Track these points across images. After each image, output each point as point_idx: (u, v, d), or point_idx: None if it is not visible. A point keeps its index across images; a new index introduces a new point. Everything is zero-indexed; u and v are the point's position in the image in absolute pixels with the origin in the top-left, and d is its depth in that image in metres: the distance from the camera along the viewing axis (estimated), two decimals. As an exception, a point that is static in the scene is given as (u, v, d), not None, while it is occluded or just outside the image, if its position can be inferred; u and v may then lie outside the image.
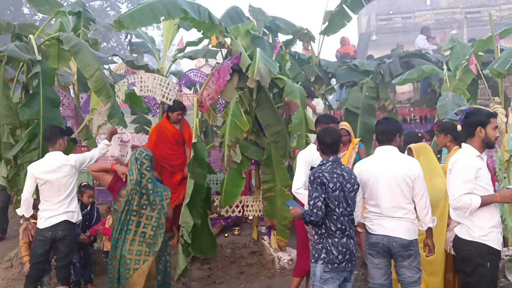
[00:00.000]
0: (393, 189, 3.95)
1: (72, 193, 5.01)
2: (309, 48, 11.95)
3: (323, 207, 3.70)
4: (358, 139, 6.12)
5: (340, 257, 3.72)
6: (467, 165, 3.62)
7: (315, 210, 3.69)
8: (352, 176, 3.89)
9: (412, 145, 4.86)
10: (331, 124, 5.05)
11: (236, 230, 6.68)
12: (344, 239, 3.76)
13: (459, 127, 5.37)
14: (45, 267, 5.15)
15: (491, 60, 8.82)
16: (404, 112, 10.40)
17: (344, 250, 3.74)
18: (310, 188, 3.79)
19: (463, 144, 3.81)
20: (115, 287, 4.29)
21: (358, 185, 3.93)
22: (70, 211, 4.95)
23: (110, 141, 5.62)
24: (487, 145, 3.73)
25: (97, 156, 5.39)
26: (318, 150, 4.03)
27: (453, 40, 9.60)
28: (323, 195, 3.71)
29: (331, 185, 3.73)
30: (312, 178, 3.78)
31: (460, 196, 3.58)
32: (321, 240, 3.78)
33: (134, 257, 4.20)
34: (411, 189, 3.96)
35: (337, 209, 3.74)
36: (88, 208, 5.80)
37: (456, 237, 3.79)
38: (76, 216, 5.01)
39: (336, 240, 3.74)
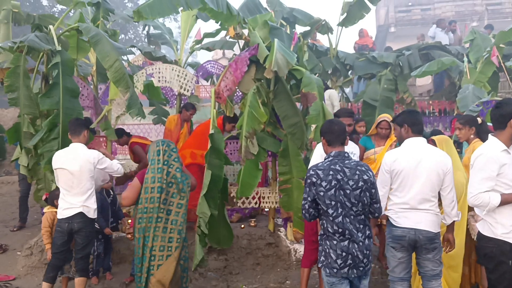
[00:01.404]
0: (424, 181, 3.85)
1: (90, 189, 4.95)
2: (317, 38, 11.90)
3: (311, 209, 3.48)
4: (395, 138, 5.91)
5: (339, 261, 3.40)
6: (489, 161, 3.43)
7: (303, 212, 3.53)
8: (357, 172, 3.43)
9: (435, 137, 4.79)
10: (347, 117, 5.12)
11: (252, 222, 6.70)
12: (345, 243, 3.39)
13: (479, 120, 5.28)
14: (66, 256, 5.19)
15: (513, 52, 8.68)
16: (423, 105, 10.30)
17: (344, 254, 3.39)
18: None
19: (490, 136, 3.57)
20: (142, 276, 4.29)
21: (369, 181, 3.45)
22: (86, 205, 4.91)
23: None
24: None
25: (117, 171, 5.23)
26: (323, 144, 3.66)
27: (473, 32, 9.45)
28: (310, 197, 3.45)
29: (324, 183, 3.39)
30: (306, 176, 3.55)
31: (479, 194, 3.44)
32: (321, 242, 3.53)
33: (167, 244, 4.23)
34: (441, 182, 3.87)
35: (330, 210, 3.39)
36: (112, 195, 5.85)
37: (479, 233, 3.65)
38: (92, 212, 4.97)
39: (335, 242, 3.41)
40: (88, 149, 5.05)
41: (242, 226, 6.60)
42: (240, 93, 7.69)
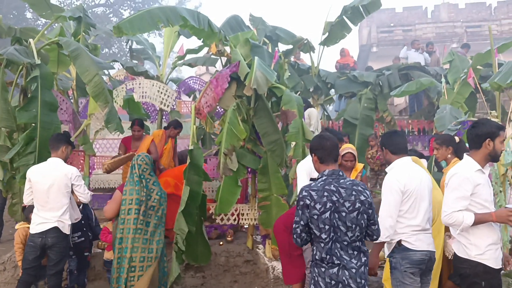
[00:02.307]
0: (429, 200, 3.83)
1: (66, 204, 4.91)
2: (300, 57, 12.06)
3: (303, 234, 3.17)
4: (362, 165, 5.59)
5: None
6: (464, 181, 3.46)
7: (295, 236, 3.21)
8: (353, 192, 3.09)
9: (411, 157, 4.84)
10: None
11: (229, 236, 6.65)
12: (334, 269, 3.06)
13: (457, 139, 5.36)
14: (38, 272, 5.10)
15: (490, 74, 8.88)
16: (402, 124, 10.44)
17: (333, 282, 3.06)
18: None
19: (465, 156, 3.62)
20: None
21: (366, 202, 3.12)
22: (61, 220, 4.87)
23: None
24: (493, 158, 3.54)
25: (83, 196, 5.10)
26: (314, 162, 3.33)
27: (452, 54, 9.65)
28: (303, 221, 3.13)
29: (318, 206, 3.06)
30: (298, 197, 3.21)
31: (452, 213, 3.47)
32: (311, 268, 3.23)
33: (147, 255, 4.23)
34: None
35: (323, 235, 3.06)
36: (81, 207, 5.71)
37: (454, 253, 3.68)
38: (67, 228, 4.92)
39: (323, 270, 3.09)
40: (67, 165, 5.01)
41: (221, 243, 6.56)
42: (222, 110, 7.71)
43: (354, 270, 3.07)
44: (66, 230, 4.94)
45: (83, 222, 5.68)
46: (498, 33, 21.16)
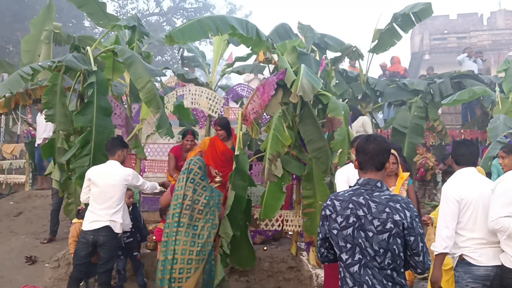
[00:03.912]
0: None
1: (119, 204, 5.19)
2: (356, 65, 11.99)
3: (323, 249, 2.75)
4: (407, 173, 5.12)
5: None
6: (510, 187, 3.48)
7: (317, 251, 2.84)
8: (387, 209, 2.52)
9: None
10: None
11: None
12: None
13: None
14: (89, 269, 5.32)
15: (548, 83, 8.53)
16: (454, 134, 10.17)
17: None
18: None
19: None
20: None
21: (402, 224, 2.51)
22: (114, 220, 5.12)
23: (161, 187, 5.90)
24: None
25: (147, 189, 5.64)
26: (356, 167, 2.80)
27: (507, 62, 9.33)
28: (321, 233, 2.73)
29: (339, 219, 2.60)
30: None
31: (499, 218, 3.44)
32: None
33: (195, 257, 4.36)
34: None
35: (344, 255, 2.57)
36: (131, 209, 5.95)
37: (502, 264, 3.59)
38: (118, 227, 5.17)
39: None
40: (124, 167, 5.28)
41: (265, 248, 6.62)
42: (268, 116, 7.79)
43: None
44: (118, 229, 5.17)
45: (132, 223, 5.90)
46: (559, 40, 20.22)
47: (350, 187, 4.58)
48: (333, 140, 5.61)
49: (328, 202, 2.70)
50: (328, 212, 2.67)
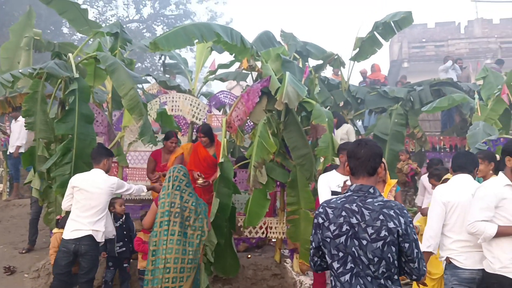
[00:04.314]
0: None
1: (103, 213, 5.11)
2: (339, 73, 12.10)
3: (316, 258, 2.68)
4: (395, 180, 5.16)
5: None
6: (489, 193, 3.59)
7: (309, 259, 2.76)
8: (380, 217, 2.45)
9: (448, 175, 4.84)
10: None
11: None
12: None
13: (497, 157, 5.30)
14: (70, 279, 5.22)
15: (525, 90, 8.72)
16: (433, 140, 10.32)
17: None
18: None
19: (500, 172, 3.74)
20: None
21: (396, 231, 2.44)
22: (96, 229, 5.03)
23: (147, 190, 5.80)
24: None
25: (133, 193, 5.57)
26: (347, 172, 2.73)
27: (486, 70, 9.51)
28: (315, 242, 2.65)
29: (332, 227, 2.52)
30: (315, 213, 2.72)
31: (475, 222, 3.56)
32: None
33: (186, 265, 4.31)
34: None
35: (335, 264, 2.51)
36: (124, 218, 5.91)
37: (483, 270, 3.69)
38: (101, 236, 5.08)
39: None
40: (109, 176, 5.24)
41: (249, 256, 6.60)
42: (251, 123, 7.80)
43: None
44: (100, 238, 5.09)
45: (125, 232, 5.84)
46: (534, 49, 20.75)
47: (333, 192, 4.66)
48: (317, 147, 5.65)
49: (321, 210, 2.61)
50: (320, 220, 2.59)
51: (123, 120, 6.70)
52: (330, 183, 4.83)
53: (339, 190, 4.79)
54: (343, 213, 2.52)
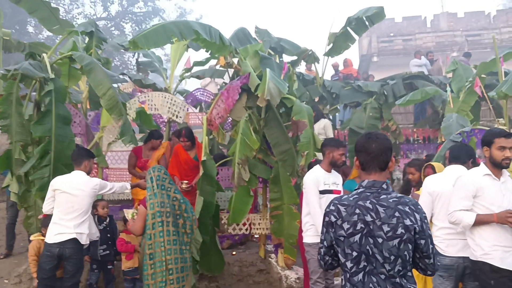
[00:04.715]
0: None
1: (86, 215, 5.03)
2: (312, 68, 12.21)
3: (327, 257, 2.60)
4: None
5: None
6: (467, 182, 3.73)
7: (319, 258, 2.67)
8: (396, 214, 2.37)
9: (433, 163, 4.97)
10: (340, 148, 5.00)
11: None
12: None
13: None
14: (54, 283, 5.15)
15: (493, 82, 9.00)
16: (407, 133, 10.52)
17: None
18: None
19: (481, 163, 3.87)
20: None
21: (413, 229, 2.37)
22: (80, 232, 4.95)
23: (132, 188, 5.71)
24: (495, 165, 3.70)
25: (116, 191, 5.48)
26: (356, 167, 2.63)
27: (455, 63, 9.75)
28: (327, 241, 2.56)
29: (346, 225, 2.45)
30: (324, 212, 2.63)
31: (454, 212, 3.70)
32: None
33: (184, 264, 4.29)
34: None
35: (349, 263, 2.44)
36: (108, 221, 5.84)
37: (467, 257, 3.82)
38: (85, 239, 5.01)
39: None
40: (90, 177, 5.15)
41: (233, 252, 6.62)
42: (230, 121, 7.80)
43: None
44: (84, 241, 5.02)
45: (109, 235, 5.77)
46: (498, 42, 21.16)
47: (320, 191, 4.71)
48: (299, 143, 5.71)
49: (332, 208, 2.52)
50: (333, 219, 2.49)
51: (101, 120, 6.59)
52: (318, 183, 4.86)
53: (327, 188, 4.85)
54: (357, 211, 2.43)
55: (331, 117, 11.45)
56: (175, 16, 30.85)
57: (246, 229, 6.47)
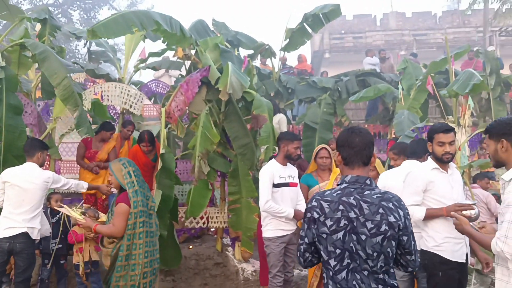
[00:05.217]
0: None
1: (38, 209, 4.83)
2: (266, 63, 12.29)
3: (307, 254, 2.52)
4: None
5: None
6: (416, 178, 3.84)
7: (298, 254, 2.58)
8: (380, 210, 2.36)
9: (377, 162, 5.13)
10: (295, 141, 4.94)
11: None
12: None
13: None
14: (2, 278, 4.97)
15: (441, 81, 9.40)
16: (359, 128, 10.79)
17: None
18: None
19: (429, 157, 3.96)
20: None
21: (397, 225, 2.36)
22: (31, 226, 4.76)
23: (89, 189, 5.54)
24: (437, 159, 3.82)
25: (71, 188, 5.24)
26: (339, 162, 2.57)
27: (405, 61, 10.11)
28: (308, 238, 2.48)
29: (329, 222, 2.38)
30: (306, 207, 2.54)
31: None
32: None
33: (156, 265, 4.15)
34: None
35: (332, 261, 2.38)
36: (60, 214, 5.63)
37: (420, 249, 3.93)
38: (36, 233, 4.81)
39: None
40: (43, 170, 4.94)
41: (190, 246, 6.59)
42: (188, 114, 7.74)
43: None
44: (35, 236, 4.84)
45: (62, 229, 5.58)
46: (443, 42, 22.24)
47: (276, 184, 4.73)
48: (259, 137, 5.75)
49: (314, 203, 2.44)
50: (315, 215, 2.41)
51: (54, 111, 6.36)
52: (273, 176, 4.80)
53: (283, 181, 4.83)
54: (340, 207, 2.38)
55: (287, 112, 11.60)
56: (125, 6, 30.09)
57: (204, 223, 6.46)
